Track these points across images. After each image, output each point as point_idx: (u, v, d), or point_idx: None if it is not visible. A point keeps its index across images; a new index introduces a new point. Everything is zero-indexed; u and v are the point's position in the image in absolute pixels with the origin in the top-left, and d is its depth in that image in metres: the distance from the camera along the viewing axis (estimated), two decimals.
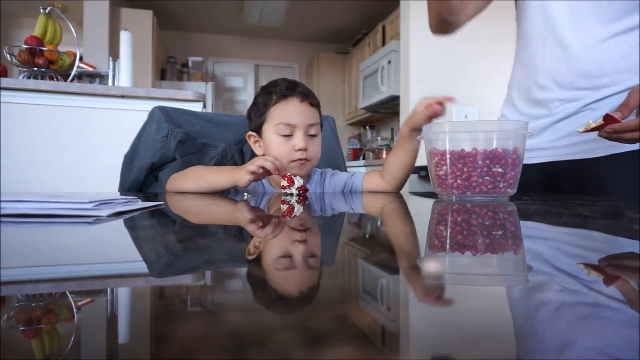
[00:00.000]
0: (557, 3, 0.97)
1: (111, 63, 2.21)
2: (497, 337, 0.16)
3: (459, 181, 0.78)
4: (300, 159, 1.03)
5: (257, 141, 1.10)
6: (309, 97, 1.08)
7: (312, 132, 1.06)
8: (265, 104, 1.07)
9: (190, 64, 5.21)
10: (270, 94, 1.08)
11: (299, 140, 1.03)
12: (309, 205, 0.74)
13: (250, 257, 0.31)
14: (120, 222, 0.48)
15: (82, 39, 3.51)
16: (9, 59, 2.02)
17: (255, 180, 0.96)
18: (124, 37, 2.15)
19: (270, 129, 1.05)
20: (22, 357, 0.15)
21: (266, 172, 0.94)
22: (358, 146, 5.21)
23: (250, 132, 1.12)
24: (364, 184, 1.13)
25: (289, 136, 1.04)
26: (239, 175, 0.94)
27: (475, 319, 0.18)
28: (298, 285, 0.25)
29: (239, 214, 0.64)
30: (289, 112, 1.04)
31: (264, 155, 1.09)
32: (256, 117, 1.09)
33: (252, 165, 0.93)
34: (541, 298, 0.22)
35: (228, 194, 1.01)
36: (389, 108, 4.16)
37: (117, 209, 0.53)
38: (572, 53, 0.95)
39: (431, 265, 0.29)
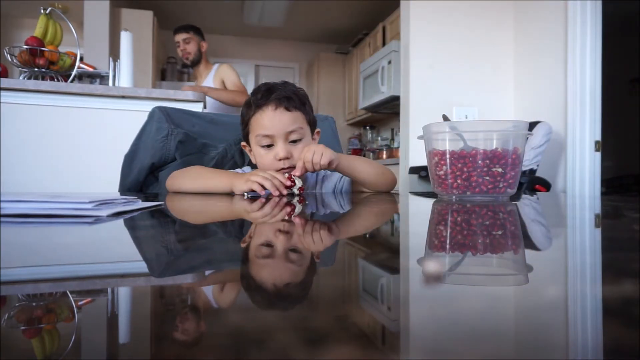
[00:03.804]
0: None
1: (111, 63, 2.21)
2: (497, 337, 0.16)
3: (459, 181, 0.78)
4: (283, 169, 1.01)
5: (250, 150, 1.10)
6: (284, 102, 1.01)
7: (293, 137, 1.02)
8: (247, 115, 1.06)
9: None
10: (249, 104, 1.05)
11: (279, 149, 1.00)
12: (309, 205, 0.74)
13: (247, 254, 0.31)
14: (120, 222, 0.48)
15: (82, 39, 3.51)
16: (10, 59, 2.02)
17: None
18: (125, 38, 2.15)
19: (253, 141, 1.04)
20: (22, 356, 0.15)
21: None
22: (358, 146, 5.21)
23: (242, 142, 1.12)
24: (353, 185, 1.15)
25: (270, 146, 1.02)
26: (237, 184, 0.94)
27: (475, 319, 0.18)
28: (297, 284, 0.25)
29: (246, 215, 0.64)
30: (264, 122, 1.01)
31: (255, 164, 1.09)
32: (243, 128, 1.09)
33: (252, 182, 0.91)
34: (542, 297, 0.22)
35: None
36: (390, 108, 4.16)
37: (117, 209, 0.53)
38: None
39: (431, 265, 0.29)
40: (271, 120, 1.01)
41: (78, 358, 0.15)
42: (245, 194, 0.95)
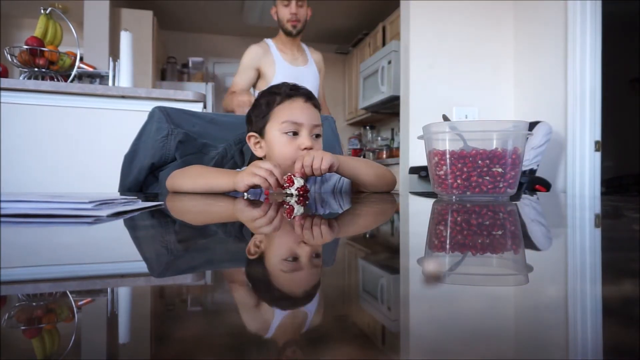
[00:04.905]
0: None
1: (111, 63, 2.21)
2: (497, 337, 0.16)
3: (459, 181, 0.78)
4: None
5: (257, 142, 1.10)
6: (313, 99, 1.08)
7: (316, 132, 1.07)
8: (269, 105, 1.07)
9: (190, 64, 5.20)
10: (273, 94, 1.08)
11: (305, 139, 1.03)
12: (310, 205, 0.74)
13: (251, 257, 0.31)
14: (120, 222, 0.48)
15: (82, 39, 3.51)
16: (10, 59, 2.02)
17: (254, 187, 0.95)
18: (124, 38, 2.14)
19: (275, 128, 1.05)
20: (22, 356, 0.15)
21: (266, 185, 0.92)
22: (358, 146, 5.21)
23: (251, 133, 1.11)
24: (353, 185, 1.15)
25: (294, 136, 1.04)
26: (240, 179, 0.93)
27: (475, 319, 0.18)
28: (298, 284, 0.25)
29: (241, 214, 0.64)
30: (294, 110, 1.04)
31: (264, 156, 1.09)
32: (258, 119, 1.09)
33: (253, 176, 0.91)
34: (542, 297, 0.22)
35: (228, 192, 1.01)
36: (389, 108, 4.16)
37: (117, 209, 0.53)
38: None
39: (431, 265, 0.29)
40: (302, 110, 1.06)
41: (78, 358, 0.15)
42: (245, 194, 0.95)
